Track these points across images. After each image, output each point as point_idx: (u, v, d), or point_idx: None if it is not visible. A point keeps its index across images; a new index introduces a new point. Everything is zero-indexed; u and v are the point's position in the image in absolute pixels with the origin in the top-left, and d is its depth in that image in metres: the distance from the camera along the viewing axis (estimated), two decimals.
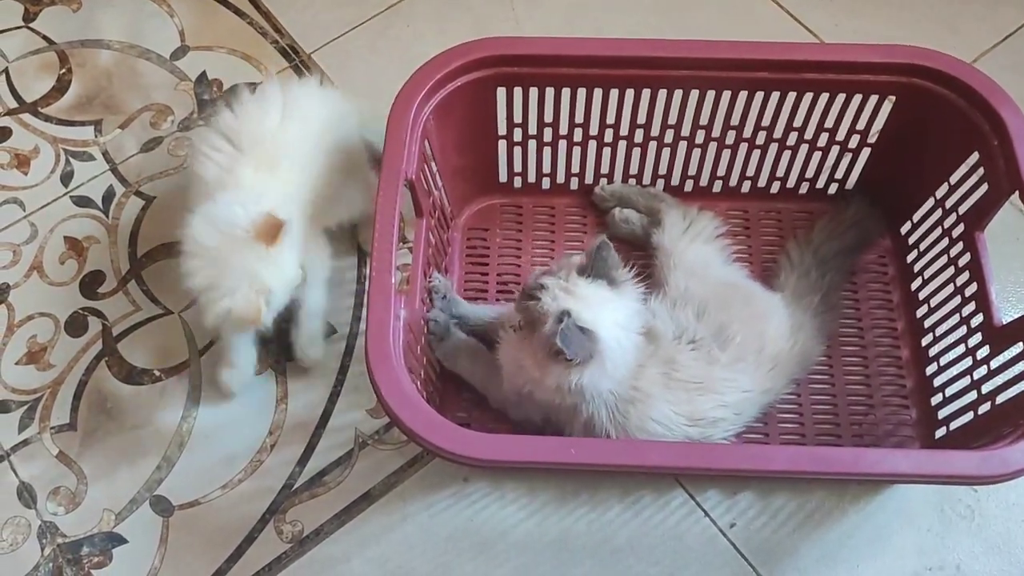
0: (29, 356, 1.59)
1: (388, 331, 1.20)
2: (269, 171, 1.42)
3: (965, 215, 1.43)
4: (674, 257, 1.47)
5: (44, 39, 1.90)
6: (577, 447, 1.17)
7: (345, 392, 1.56)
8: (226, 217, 1.35)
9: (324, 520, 1.46)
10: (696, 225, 1.53)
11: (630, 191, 1.63)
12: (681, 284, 1.43)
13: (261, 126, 1.44)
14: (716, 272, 1.48)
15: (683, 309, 1.39)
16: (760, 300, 1.46)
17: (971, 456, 1.17)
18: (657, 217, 1.56)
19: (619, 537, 1.44)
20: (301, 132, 1.46)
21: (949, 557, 1.43)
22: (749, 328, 1.39)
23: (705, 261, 1.48)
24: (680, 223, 1.53)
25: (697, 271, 1.45)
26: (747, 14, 1.92)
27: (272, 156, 1.42)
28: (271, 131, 1.44)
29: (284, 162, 1.43)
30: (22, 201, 1.72)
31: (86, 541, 1.45)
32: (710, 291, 1.41)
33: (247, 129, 1.44)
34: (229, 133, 1.44)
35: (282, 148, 1.43)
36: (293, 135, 1.45)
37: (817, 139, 1.56)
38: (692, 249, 1.49)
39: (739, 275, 1.51)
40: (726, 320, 1.38)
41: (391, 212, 1.27)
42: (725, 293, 1.43)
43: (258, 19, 1.93)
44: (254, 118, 1.45)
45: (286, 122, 1.46)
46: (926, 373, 1.51)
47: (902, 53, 1.41)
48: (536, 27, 1.89)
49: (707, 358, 1.36)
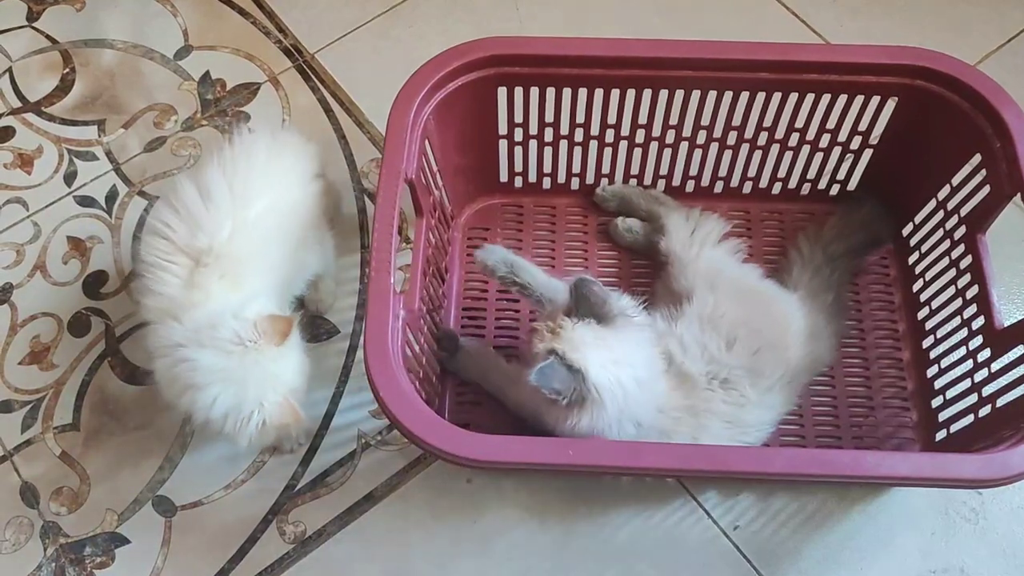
0: (32, 356, 1.59)
1: (387, 331, 1.20)
2: (234, 280, 1.30)
3: (967, 217, 1.43)
4: (689, 267, 1.44)
5: (48, 39, 1.91)
6: (575, 448, 1.16)
7: (348, 393, 1.56)
8: (227, 336, 1.24)
9: (327, 521, 1.46)
10: (701, 228, 1.51)
11: (631, 192, 1.63)
12: (707, 298, 1.39)
13: (218, 236, 1.30)
14: (732, 276, 1.46)
15: (711, 336, 1.36)
16: (779, 303, 1.44)
17: (972, 459, 1.16)
18: (659, 222, 1.54)
19: (620, 537, 1.44)
20: (262, 227, 1.34)
21: (953, 560, 1.43)
22: (776, 351, 1.37)
23: (719, 267, 1.46)
24: (684, 227, 1.51)
25: (715, 280, 1.42)
26: (752, 15, 1.91)
27: (236, 261, 1.31)
28: (229, 239, 1.31)
29: (249, 265, 1.32)
30: (25, 201, 1.73)
31: (88, 541, 1.46)
32: (736, 308, 1.38)
33: (202, 243, 1.30)
34: (184, 247, 1.30)
35: (245, 250, 1.31)
36: (255, 234, 1.33)
37: (819, 140, 1.55)
38: (704, 256, 1.47)
39: (755, 276, 1.48)
40: (757, 346, 1.36)
41: (390, 212, 1.27)
42: (749, 309, 1.39)
43: (262, 19, 1.93)
44: (208, 229, 1.30)
45: (241, 229, 1.32)
46: (927, 375, 1.50)
47: (905, 54, 1.41)
48: (539, 27, 1.89)
49: (738, 400, 1.34)
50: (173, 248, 1.30)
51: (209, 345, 1.24)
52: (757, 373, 1.35)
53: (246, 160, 1.37)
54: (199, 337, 1.25)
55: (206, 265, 1.29)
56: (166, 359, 1.27)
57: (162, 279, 1.30)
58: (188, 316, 1.27)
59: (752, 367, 1.35)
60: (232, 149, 1.38)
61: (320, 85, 1.84)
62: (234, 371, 1.24)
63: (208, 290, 1.28)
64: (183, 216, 1.32)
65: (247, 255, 1.32)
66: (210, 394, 1.24)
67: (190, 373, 1.25)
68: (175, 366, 1.26)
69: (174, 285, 1.29)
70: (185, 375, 1.25)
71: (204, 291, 1.28)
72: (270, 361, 1.26)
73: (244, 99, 1.83)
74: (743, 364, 1.35)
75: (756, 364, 1.35)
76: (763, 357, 1.36)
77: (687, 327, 1.38)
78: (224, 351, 1.24)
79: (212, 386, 1.24)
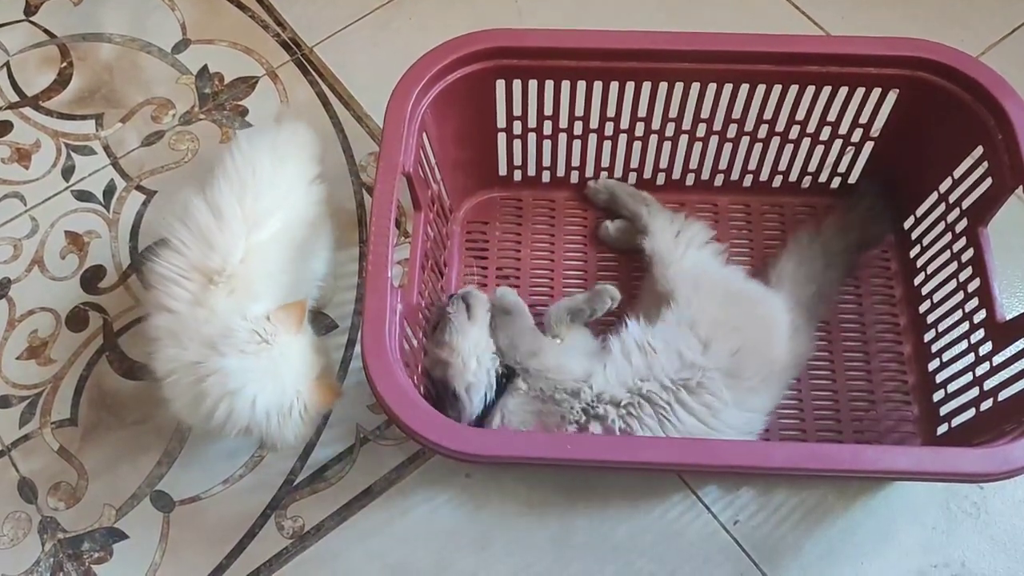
0: (30, 351, 1.59)
1: (384, 325, 1.20)
2: (244, 295, 1.29)
3: (968, 210, 1.42)
4: (673, 267, 1.43)
5: (45, 32, 1.90)
6: (573, 443, 1.16)
7: (346, 387, 1.55)
8: (245, 338, 1.24)
9: (325, 516, 1.46)
10: (686, 232, 1.50)
11: (620, 190, 1.61)
12: (690, 299, 1.39)
13: (231, 258, 1.29)
14: (717, 279, 1.45)
15: (689, 338, 1.35)
16: (763, 304, 1.43)
17: (972, 453, 1.16)
18: (642, 222, 1.53)
19: (620, 532, 1.44)
20: (275, 246, 1.33)
21: (954, 554, 1.42)
22: (758, 352, 1.36)
23: (703, 267, 1.45)
24: (669, 228, 1.50)
25: (698, 280, 1.41)
26: (754, 8, 1.90)
27: (248, 281, 1.30)
28: (242, 261, 1.30)
29: (261, 284, 1.31)
30: (23, 195, 1.72)
31: (87, 536, 1.45)
32: (717, 308, 1.38)
33: (215, 264, 1.28)
34: (198, 265, 1.29)
35: (257, 271, 1.30)
36: (269, 254, 1.32)
37: (819, 133, 1.54)
38: (688, 256, 1.46)
39: (738, 276, 1.47)
40: (736, 346, 1.35)
41: (388, 205, 1.26)
42: (731, 308, 1.39)
43: (260, 12, 1.92)
44: (221, 250, 1.29)
45: (254, 251, 1.31)
46: (928, 369, 1.50)
47: (906, 46, 1.40)
48: (538, 20, 1.88)
49: (711, 404, 1.33)
50: (188, 265, 1.29)
51: (230, 351, 1.23)
52: (735, 375, 1.34)
53: (252, 175, 1.35)
54: (216, 348, 1.23)
55: (216, 284, 1.27)
56: (186, 379, 1.25)
57: (174, 294, 1.28)
58: (194, 335, 1.25)
59: (730, 368, 1.34)
60: (235, 160, 1.36)
61: (319, 79, 1.84)
62: (265, 368, 1.24)
63: (214, 308, 1.26)
64: (195, 235, 1.30)
65: (260, 275, 1.30)
66: (248, 396, 1.23)
67: (222, 381, 1.22)
68: (201, 382, 1.23)
69: (184, 301, 1.27)
70: (216, 385, 1.22)
71: (210, 310, 1.26)
72: (294, 349, 1.27)
73: (242, 93, 1.82)
74: (720, 366, 1.34)
75: (734, 365, 1.34)
76: (743, 357, 1.35)
77: (663, 330, 1.38)
78: (248, 353, 1.23)
79: (247, 387, 1.23)
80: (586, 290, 1.56)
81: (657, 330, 1.38)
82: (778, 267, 1.50)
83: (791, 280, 1.47)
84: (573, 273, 1.61)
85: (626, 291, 1.53)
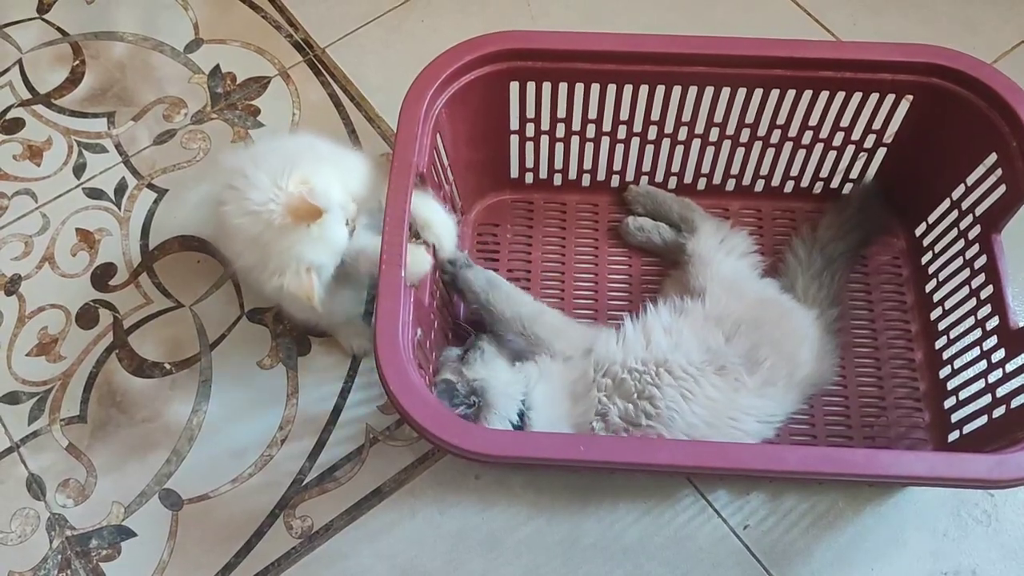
0: (40, 348, 1.59)
1: (398, 325, 1.19)
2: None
3: (982, 217, 1.42)
4: (711, 267, 1.45)
5: (58, 30, 1.90)
6: (586, 444, 1.16)
7: (356, 387, 1.55)
8: (259, 200, 1.27)
9: (334, 516, 1.46)
10: (730, 240, 1.52)
11: (664, 197, 1.62)
12: (720, 298, 1.41)
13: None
14: (751, 287, 1.47)
15: (713, 331, 1.38)
16: (794, 318, 1.44)
17: (987, 459, 1.15)
18: (692, 225, 1.55)
19: (629, 535, 1.44)
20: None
21: (965, 562, 1.42)
22: (780, 351, 1.37)
23: (741, 275, 1.47)
24: (715, 234, 1.52)
25: (733, 285, 1.44)
26: (765, 12, 1.90)
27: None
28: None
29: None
30: (34, 192, 1.72)
31: (95, 534, 1.45)
32: (745, 309, 1.40)
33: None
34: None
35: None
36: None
37: (832, 138, 1.54)
38: (728, 262, 1.48)
39: (773, 290, 1.48)
40: (757, 341, 1.37)
41: (402, 204, 1.26)
42: (759, 312, 1.41)
43: (272, 13, 1.92)
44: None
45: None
46: (940, 376, 1.49)
47: (920, 52, 1.39)
48: (552, 22, 1.89)
49: (732, 385, 1.35)
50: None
51: (245, 212, 1.28)
52: (754, 364, 1.36)
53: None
54: (242, 200, 1.28)
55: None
56: (221, 217, 1.32)
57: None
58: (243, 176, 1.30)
59: (749, 357, 1.36)
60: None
61: (331, 80, 1.84)
62: (260, 238, 1.28)
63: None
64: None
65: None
66: (237, 248, 1.32)
67: (227, 227, 1.30)
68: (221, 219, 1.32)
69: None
70: (224, 226, 1.31)
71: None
72: (298, 239, 1.27)
73: (254, 93, 1.82)
74: (741, 356, 1.36)
75: (754, 355, 1.36)
76: (763, 352, 1.36)
77: (691, 321, 1.40)
78: (258, 219, 1.27)
79: (238, 242, 1.31)
80: (596, 293, 1.58)
81: (683, 319, 1.40)
82: (798, 292, 1.49)
83: (814, 303, 1.48)
84: (584, 276, 1.61)
85: (636, 292, 1.54)
